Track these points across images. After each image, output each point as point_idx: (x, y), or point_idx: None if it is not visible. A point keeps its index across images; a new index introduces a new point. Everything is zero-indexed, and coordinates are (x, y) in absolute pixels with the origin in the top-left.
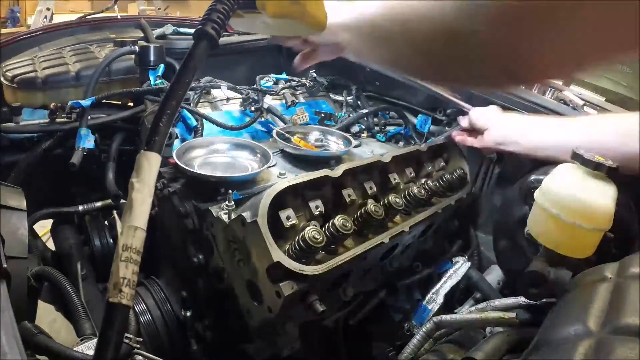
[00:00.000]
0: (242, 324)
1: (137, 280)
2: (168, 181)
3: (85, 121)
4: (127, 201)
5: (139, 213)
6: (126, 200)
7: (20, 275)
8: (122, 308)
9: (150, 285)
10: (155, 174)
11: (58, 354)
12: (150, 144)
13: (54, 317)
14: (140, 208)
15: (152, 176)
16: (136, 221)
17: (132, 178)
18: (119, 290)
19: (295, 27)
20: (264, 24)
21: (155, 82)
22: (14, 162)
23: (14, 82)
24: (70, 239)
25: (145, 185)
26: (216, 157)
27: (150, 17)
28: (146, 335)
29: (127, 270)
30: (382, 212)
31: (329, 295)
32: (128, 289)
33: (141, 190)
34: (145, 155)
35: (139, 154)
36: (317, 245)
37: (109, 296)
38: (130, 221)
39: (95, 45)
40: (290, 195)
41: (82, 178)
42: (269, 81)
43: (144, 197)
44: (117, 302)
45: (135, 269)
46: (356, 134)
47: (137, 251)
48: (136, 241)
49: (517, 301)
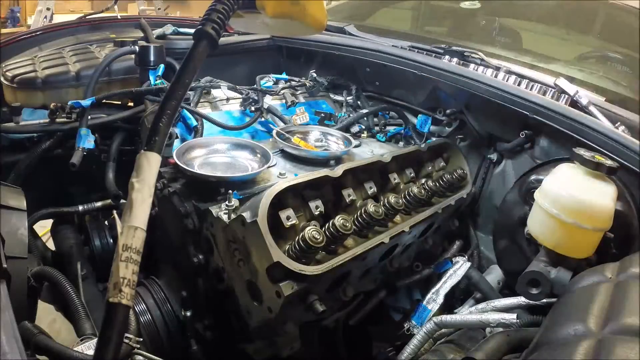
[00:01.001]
0: (242, 324)
1: (137, 280)
2: (168, 181)
3: (85, 121)
4: (127, 201)
5: (139, 213)
6: (126, 200)
7: (21, 275)
8: (122, 308)
9: (151, 285)
10: (155, 174)
11: (58, 354)
12: (150, 144)
13: (54, 317)
14: (140, 208)
15: (152, 176)
16: (136, 221)
17: (132, 178)
18: (119, 290)
19: (295, 28)
20: (263, 24)
21: (155, 82)
22: (14, 162)
23: (14, 82)
24: (70, 239)
25: (145, 185)
26: (216, 157)
27: (151, 17)
28: (146, 335)
29: (127, 270)
30: (382, 212)
31: (329, 295)
32: (128, 288)
33: (141, 190)
34: (145, 155)
35: (138, 154)
36: (317, 245)
37: (109, 296)
38: (130, 221)
39: (95, 45)
40: (290, 195)
41: (82, 178)
42: (269, 81)
43: (144, 197)
44: (117, 302)
45: (136, 269)
46: (356, 134)
47: (137, 251)
48: (136, 241)
49: (517, 301)
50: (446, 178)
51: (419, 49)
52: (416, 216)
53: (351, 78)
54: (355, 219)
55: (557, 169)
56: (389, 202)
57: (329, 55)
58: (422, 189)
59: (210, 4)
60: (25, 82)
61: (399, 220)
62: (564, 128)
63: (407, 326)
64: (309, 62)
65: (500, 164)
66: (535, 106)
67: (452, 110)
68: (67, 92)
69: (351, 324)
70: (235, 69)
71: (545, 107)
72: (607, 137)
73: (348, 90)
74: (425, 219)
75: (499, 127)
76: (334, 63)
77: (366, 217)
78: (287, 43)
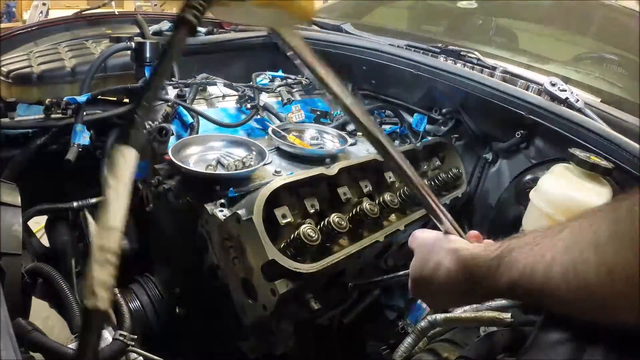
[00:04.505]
0: (237, 321)
1: (132, 278)
2: (163, 178)
3: (80, 117)
4: (102, 200)
5: (114, 212)
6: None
7: (15, 272)
8: (99, 312)
9: (145, 283)
10: (131, 170)
11: (52, 351)
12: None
13: (48, 314)
14: (116, 206)
15: (127, 172)
16: (111, 220)
17: (107, 174)
18: (96, 293)
19: (280, 18)
20: (248, 12)
21: None
22: (9, 158)
23: (9, 77)
24: (64, 236)
25: (120, 182)
26: (212, 154)
27: (147, 13)
28: (140, 332)
29: (104, 273)
30: (377, 210)
31: (324, 293)
32: (104, 292)
33: (116, 188)
34: (120, 150)
35: (114, 149)
36: (312, 243)
37: (85, 300)
38: (105, 221)
39: (91, 41)
40: (286, 193)
41: (77, 174)
42: (265, 78)
43: (119, 194)
44: (94, 306)
45: (112, 271)
46: (352, 132)
47: (114, 252)
48: (112, 242)
49: (512, 301)
50: (441, 177)
51: (415, 48)
52: (411, 215)
53: (347, 76)
54: (351, 217)
55: (553, 169)
56: (384, 201)
57: (325, 53)
58: None
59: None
60: (20, 77)
61: (394, 218)
62: (559, 128)
63: (401, 325)
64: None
65: (496, 164)
66: (531, 106)
67: (448, 109)
68: (63, 88)
69: (345, 322)
70: (231, 66)
71: (540, 107)
72: (602, 137)
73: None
74: (420, 218)
75: (494, 127)
76: (330, 61)
77: (361, 215)
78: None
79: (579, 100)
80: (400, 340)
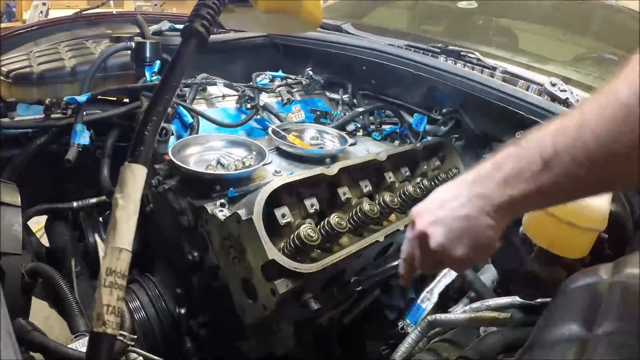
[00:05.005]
0: (237, 321)
1: (132, 277)
2: (163, 178)
3: (80, 117)
4: (110, 219)
5: (124, 232)
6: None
7: (14, 272)
8: (107, 337)
9: (145, 282)
10: (141, 189)
11: (52, 351)
12: (135, 155)
13: (47, 314)
14: (125, 227)
15: (137, 191)
16: (121, 242)
17: (115, 193)
18: (103, 319)
19: (289, 24)
20: (256, 19)
21: (151, 79)
22: (9, 158)
23: (8, 77)
24: (64, 235)
25: (130, 201)
26: (212, 154)
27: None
28: (140, 332)
29: (112, 297)
30: (377, 210)
31: (324, 294)
32: (113, 316)
33: (125, 208)
34: (130, 168)
35: (122, 166)
36: (312, 243)
37: (93, 325)
38: (114, 242)
39: (91, 41)
40: (286, 193)
41: (77, 174)
42: (265, 78)
43: (129, 214)
44: (102, 331)
45: (121, 295)
46: (352, 133)
47: (123, 275)
48: (121, 264)
49: (511, 301)
50: (441, 177)
51: (415, 48)
52: None
53: (347, 76)
54: (351, 217)
55: None
56: (384, 201)
57: (325, 53)
58: (417, 188)
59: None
60: (20, 77)
61: (394, 218)
62: None
63: (401, 325)
64: (305, 59)
65: None
66: (531, 106)
67: (448, 109)
68: (63, 88)
69: (345, 323)
70: (231, 66)
71: (540, 107)
72: None
73: (344, 89)
74: None
75: (494, 127)
76: (330, 61)
77: (361, 215)
78: (283, 40)
79: (579, 101)
80: (400, 340)
